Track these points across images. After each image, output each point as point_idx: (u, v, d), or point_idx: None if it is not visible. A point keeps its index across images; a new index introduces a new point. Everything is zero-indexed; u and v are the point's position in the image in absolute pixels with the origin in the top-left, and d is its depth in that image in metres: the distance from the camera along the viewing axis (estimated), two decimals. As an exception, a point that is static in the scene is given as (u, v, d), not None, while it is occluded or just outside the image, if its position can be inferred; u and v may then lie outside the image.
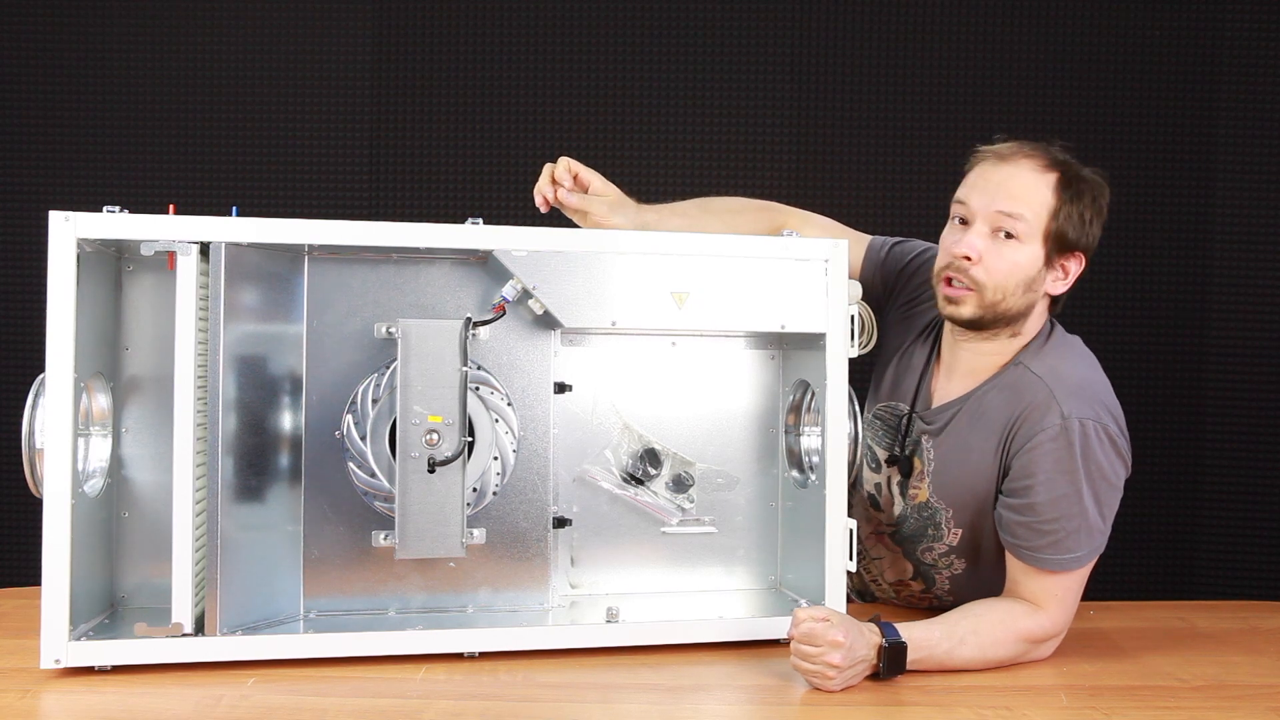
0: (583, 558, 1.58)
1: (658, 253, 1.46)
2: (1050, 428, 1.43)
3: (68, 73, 2.32)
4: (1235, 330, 2.42)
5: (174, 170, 2.33)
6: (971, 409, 1.53)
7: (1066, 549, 1.42)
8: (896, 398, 1.65)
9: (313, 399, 1.46)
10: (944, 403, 1.57)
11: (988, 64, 2.40)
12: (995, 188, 1.46)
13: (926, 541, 1.61)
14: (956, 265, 1.47)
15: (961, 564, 1.60)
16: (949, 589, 1.63)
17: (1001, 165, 1.47)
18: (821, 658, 1.28)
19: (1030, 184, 1.46)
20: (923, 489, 1.58)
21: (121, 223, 1.31)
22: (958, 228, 1.50)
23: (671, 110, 2.37)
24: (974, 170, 1.50)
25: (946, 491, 1.56)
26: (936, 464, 1.56)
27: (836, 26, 2.39)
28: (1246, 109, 2.41)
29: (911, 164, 2.40)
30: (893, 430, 1.64)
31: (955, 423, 1.54)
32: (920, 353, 1.64)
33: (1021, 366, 1.50)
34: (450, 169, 2.36)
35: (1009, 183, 1.46)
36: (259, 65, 2.34)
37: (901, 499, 1.62)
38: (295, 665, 1.34)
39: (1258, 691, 1.33)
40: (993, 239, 1.46)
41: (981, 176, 1.48)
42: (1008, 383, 1.51)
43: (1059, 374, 1.48)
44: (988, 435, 1.50)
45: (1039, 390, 1.46)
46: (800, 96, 2.39)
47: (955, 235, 1.49)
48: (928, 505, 1.58)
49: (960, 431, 1.54)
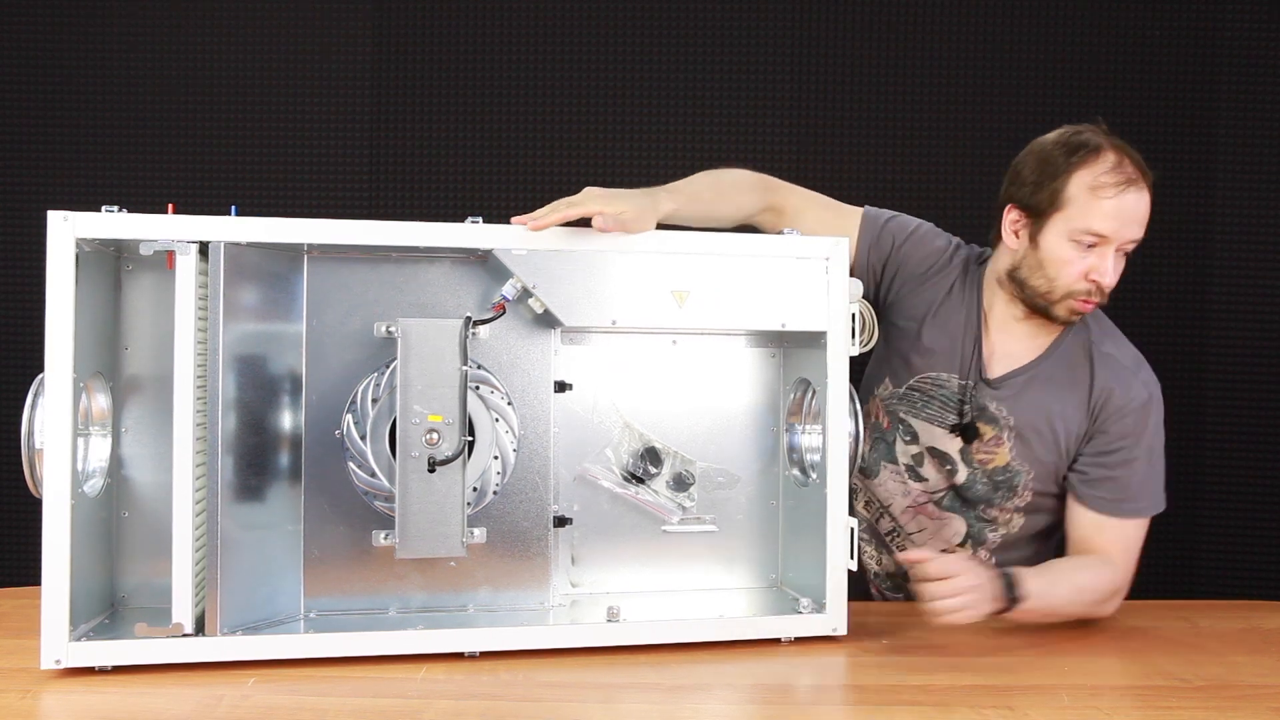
0: (583, 557, 1.58)
1: (658, 251, 1.46)
2: (1139, 398, 1.65)
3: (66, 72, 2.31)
4: (1235, 330, 2.41)
5: (173, 170, 2.33)
6: (1044, 377, 1.68)
7: (1149, 496, 1.66)
8: (938, 369, 1.72)
9: (313, 398, 1.45)
10: (1007, 372, 1.69)
11: (987, 63, 2.40)
12: (1131, 217, 1.57)
13: (998, 503, 1.73)
14: (1099, 290, 1.60)
15: (1020, 520, 1.74)
16: (999, 545, 1.76)
17: (1136, 192, 1.57)
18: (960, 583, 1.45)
19: (1148, 209, 1.59)
20: (1001, 453, 1.69)
21: (120, 222, 1.31)
22: (1084, 250, 1.58)
23: (671, 110, 2.37)
24: (1113, 202, 1.56)
25: (1030, 455, 1.68)
26: (1018, 429, 1.68)
27: (836, 26, 2.39)
28: (1246, 109, 2.41)
29: (912, 163, 2.40)
30: (944, 399, 1.71)
31: (1030, 390, 1.68)
32: (957, 327, 1.72)
33: (1090, 343, 1.69)
34: (450, 168, 2.36)
35: (1141, 210, 1.58)
36: (259, 65, 2.33)
37: (965, 464, 1.71)
38: (295, 665, 1.33)
39: (1260, 691, 1.33)
40: (1116, 257, 1.60)
41: (1122, 207, 1.56)
42: (1079, 358, 1.68)
43: (1126, 352, 1.69)
44: (1075, 403, 1.66)
45: (1120, 367, 1.67)
46: (800, 96, 2.39)
47: (1087, 260, 1.58)
48: (1007, 468, 1.70)
49: (1040, 398, 1.67)
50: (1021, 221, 1.64)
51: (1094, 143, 1.59)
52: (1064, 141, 1.61)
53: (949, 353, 1.72)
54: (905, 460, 1.76)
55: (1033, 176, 1.62)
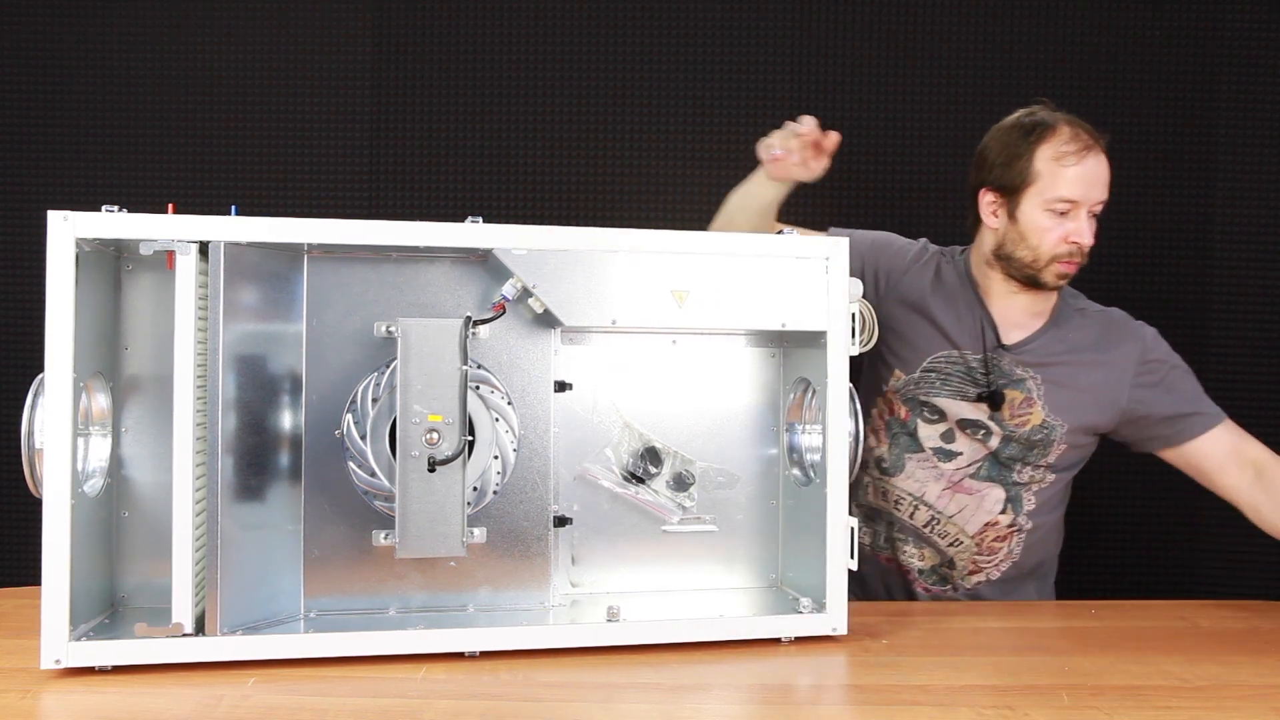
0: (583, 556, 1.58)
1: (658, 251, 1.46)
2: (1149, 338, 1.86)
3: (66, 72, 2.31)
4: (1235, 330, 2.41)
5: (173, 169, 2.33)
6: (1058, 337, 1.84)
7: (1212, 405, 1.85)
8: (949, 345, 1.84)
9: (313, 398, 1.45)
10: (1023, 338, 1.84)
11: (987, 63, 2.40)
12: (1095, 180, 1.75)
13: (1033, 461, 1.84)
14: (1080, 250, 1.76)
15: (1050, 478, 1.86)
16: (1034, 507, 1.86)
17: (1094, 157, 1.74)
18: None
19: (1107, 170, 1.77)
20: (1035, 413, 1.82)
21: (120, 222, 1.31)
22: (1059, 218, 1.75)
23: (671, 110, 2.37)
24: (1076, 168, 1.73)
25: (1064, 409, 1.82)
26: (1048, 388, 1.82)
27: (836, 26, 2.39)
28: (1246, 109, 2.41)
29: (911, 163, 2.40)
30: (962, 374, 1.83)
31: (1052, 351, 1.83)
32: (960, 304, 1.86)
33: (1081, 307, 1.89)
34: (450, 168, 2.36)
35: (1102, 173, 1.76)
36: (259, 64, 2.33)
37: (1000, 427, 1.82)
38: (295, 665, 1.33)
39: (1260, 691, 1.33)
40: (1088, 220, 1.76)
41: (1085, 172, 1.73)
42: (1078, 319, 1.87)
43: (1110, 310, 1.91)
44: (1105, 359, 1.82)
45: (1123, 321, 1.88)
46: (800, 96, 2.39)
47: (1064, 225, 1.75)
48: (1043, 425, 1.82)
49: (1063, 356, 1.83)
50: (997, 202, 1.81)
51: (1048, 120, 1.78)
52: (1020, 124, 1.79)
53: (959, 328, 1.84)
54: (933, 443, 1.84)
55: (999, 159, 1.79)
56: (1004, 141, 1.79)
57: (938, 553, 1.88)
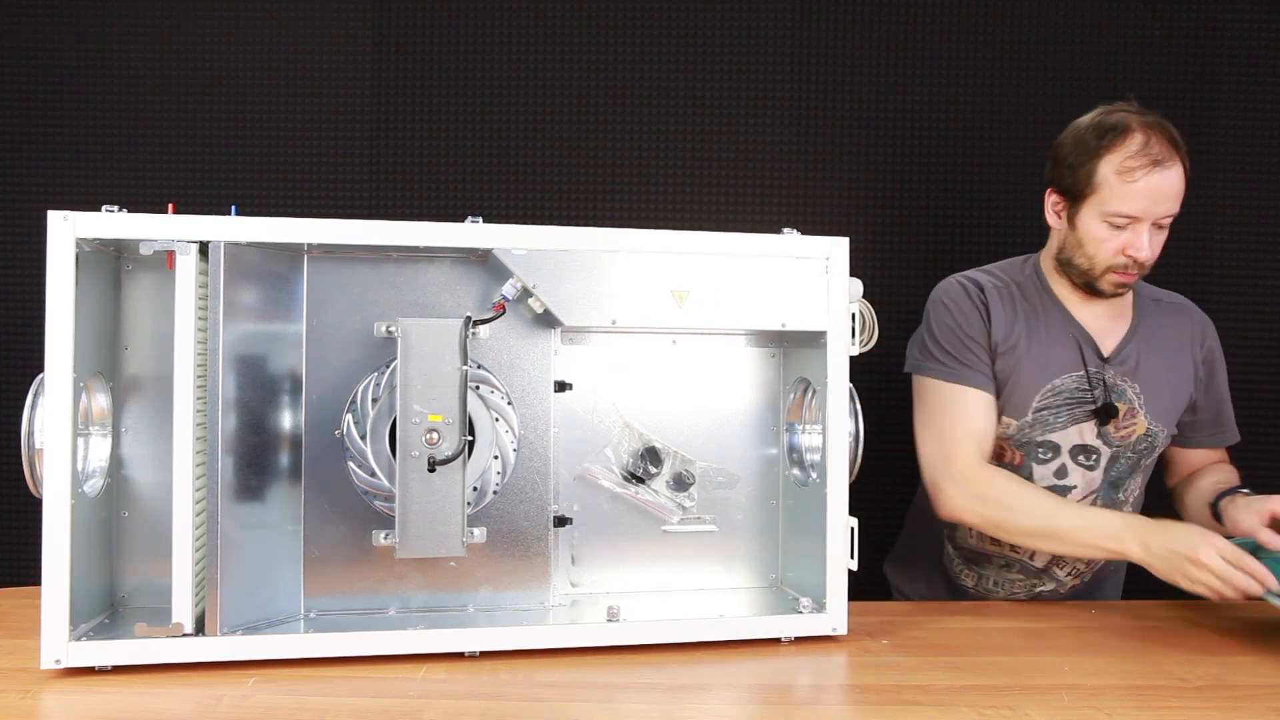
0: (583, 556, 1.58)
1: (658, 251, 1.46)
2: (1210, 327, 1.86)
3: (66, 72, 2.31)
4: (1235, 330, 2.41)
5: (173, 169, 2.33)
6: (1144, 337, 1.80)
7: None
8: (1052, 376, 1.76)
9: (313, 398, 1.45)
10: (1116, 346, 1.79)
11: (987, 63, 2.40)
12: (1161, 195, 1.66)
13: (1137, 476, 1.83)
14: (1136, 263, 1.69)
15: (1140, 481, 1.85)
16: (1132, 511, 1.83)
17: (1161, 171, 1.65)
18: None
19: (1180, 183, 1.68)
20: (1139, 422, 1.78)
21: (120, 222, 1.31)
22: (1117, 230, 1.68)
23: (671, 110, 2.37)
24: (1139, 184, 1.65)
25: (1161, 412, 1.80)
26: (1146, 394, 1.78)
27: (836, 26, 2.39)
28: (1246, 109, 2.41)
29: (911, 163, 2.40)
30: (1071, 400, 1.76)
31: (1142, 354, 1.79)
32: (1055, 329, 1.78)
33: (1157, 298, 1.86)
34: (450, 168, 2.36)
35: (1170, 187, 1.66)
36: (259, 64, 2.33)
37: (1108, 446, 1.78)
38: (295, 665, 1.33)
39: (1260, 691, 1.33)
40: (1152, 231, 1.69)
41: (1149, 188, 1.65)
42: (1155, 311, 1.84)
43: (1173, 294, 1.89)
44: (1181, 349, 1.82)
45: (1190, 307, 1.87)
46: (800, 96, 2.39)
47: (1121, 237, 1.68)
48: (1148, 433, 1.80)
49: (1152, 358, 1.79)
50: (1061, 204, 1.75)
51: (1123, 124, 1.68)
52: (1095, 124, 1.71)
53: (1057, 354, 1.76)
54: (1047, 483, 1.78)
55: (1069, 160, 1.71)
56: (1076, 141, 1.71)
57: (1054, 580, 1.85)
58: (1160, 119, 1.69)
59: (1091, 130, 1.70)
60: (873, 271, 1.82)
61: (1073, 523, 1.62)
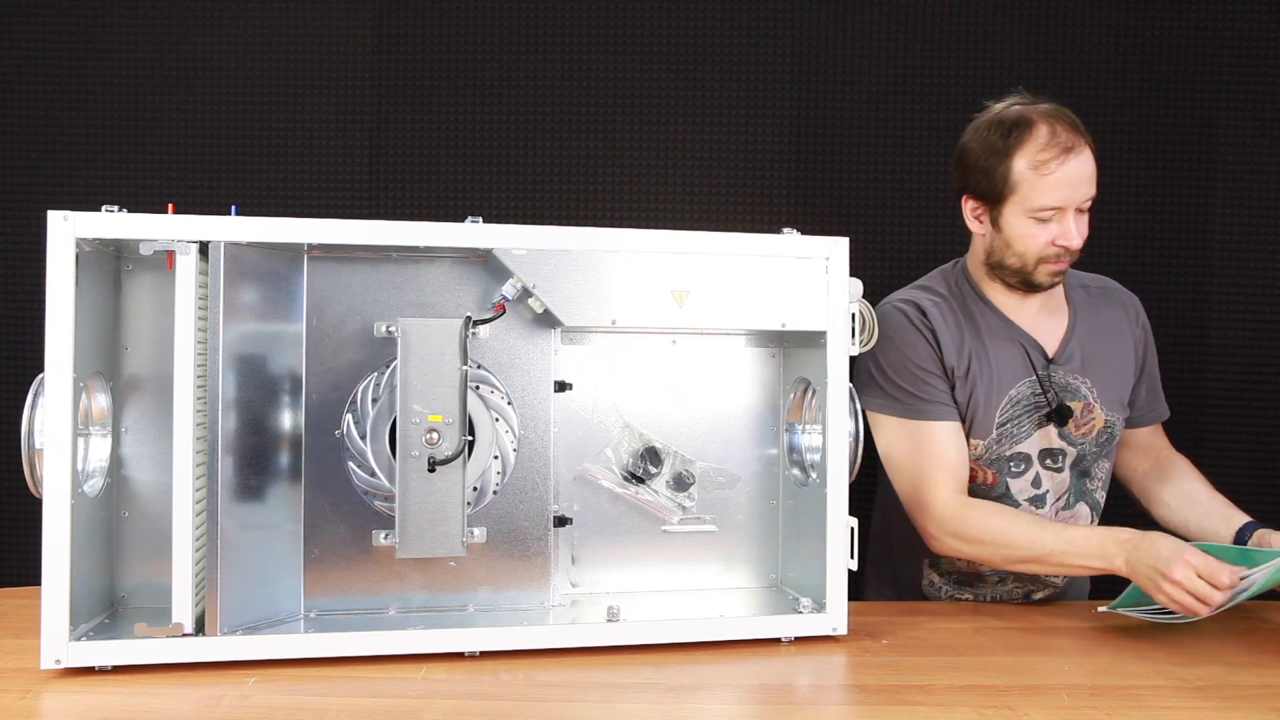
0: (583, 556, 1.58)
1: (658, 251, 1.46)
2: (1138, 304, 1.86)
3: (66, 72, 2.31)
4: (1235, 330, 2.41)
5: (173, 169, 2.33)
6: (1084, 330, 1.79)
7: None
8: (1005, 388, 1.74)
9: (313, 398, 1.45)
10: (1059, 344, 1.78)
11: (987, 63, 2.40)
12: (1079, 181, 1.65)
13: (1104, 462, 1.83)
14: (1068, 251, 1.68)
15: (1107, 465, 1.85)
16: (1103, 495, 1.85)
17: (1075, 158, 1.64)
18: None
19: (1093, 165, 1.66)
20: (1096, 415, 1.78)
21: (120, 222, 1.31)
22: (1043, 223, 1.67)
23: (671, 110, 2.37)
24: (1056, 175, 1.63)
25: (1115, 400, 1.79)
26: (1098, 387, 1.78)
27: (836, 26, 2.39)
28: (1246, 109, 2.41)
29: (911, 163, 2.40)
30: (1027, 408, 1.75)
31: (1086, 347, 1.78)
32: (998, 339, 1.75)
33: (1085, 284, 1.86)
34: (450, 168, 2.36)
35: (1085, 171, 1.65)
36: (259, 64, 2.33)
37: (1071, 446, 1.77)
38: (296, 665, 1.33)
39: (1260, 691, 1.33)
40: (1076, 218, 1.67)
41: (1066, 176, 1.64)
42: (1087, 299, 1.83)
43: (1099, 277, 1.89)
44: (1121, 334, 1.82)
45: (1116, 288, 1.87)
46: (800, 96, 2.39)
47: (1049, 229, 1.67)
48: (1107, 424, 1.79)
49: (1096, 349, 1.79)
50: (980, 209, 1.74)
51: (1025, 118, 1.67)
52: (996, 122, 1.70)
53: (1004, 366, 1.74)
54: (1025, 495, 1.77)
55: (979, 164, 1.70)
56: (982, 144, 1.69)
57: (1042, 583, 1.83)
58: (1056, 105, 1.69)
59: (994, 130, 1.69)
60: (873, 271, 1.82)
61: (1055, 547, 1.60)
